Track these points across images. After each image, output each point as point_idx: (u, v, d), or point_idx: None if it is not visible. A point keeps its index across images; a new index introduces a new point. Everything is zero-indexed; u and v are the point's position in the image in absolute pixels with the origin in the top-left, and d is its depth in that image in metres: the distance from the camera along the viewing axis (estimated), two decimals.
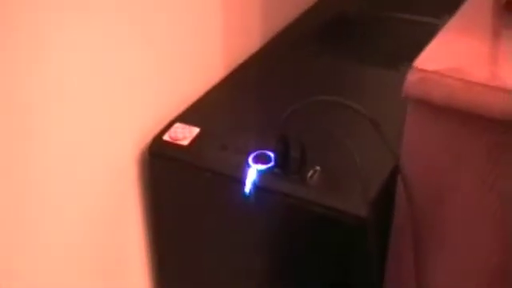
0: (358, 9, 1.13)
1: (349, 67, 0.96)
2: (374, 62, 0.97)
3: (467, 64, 0.66)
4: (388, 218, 0.76)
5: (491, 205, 0.68)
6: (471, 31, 0.71)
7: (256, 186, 0.76)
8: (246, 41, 1.01)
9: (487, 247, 0.71)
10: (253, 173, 0.77)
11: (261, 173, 0.77)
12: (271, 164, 0.78)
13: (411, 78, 0.66)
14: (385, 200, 0.75)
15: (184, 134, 0.83)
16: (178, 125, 0.85)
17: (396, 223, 0.76)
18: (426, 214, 0.72)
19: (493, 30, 0.74)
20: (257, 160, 0.78)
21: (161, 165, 0.83)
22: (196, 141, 0.83)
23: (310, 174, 0.77)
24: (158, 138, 0.84)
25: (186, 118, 0.86)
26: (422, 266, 0.75)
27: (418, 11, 1.10)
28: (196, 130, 0.84)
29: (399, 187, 0.73)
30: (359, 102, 0.83)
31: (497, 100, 0.62)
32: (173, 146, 0.82)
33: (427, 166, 0.70)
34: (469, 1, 0.79)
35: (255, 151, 0.79)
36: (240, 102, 0.91)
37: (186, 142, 0.82)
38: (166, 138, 0.83)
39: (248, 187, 0.77)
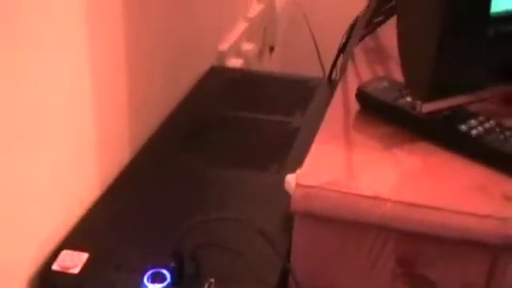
0: (212, 112, 1.20)
1: (222, 174, 1.02)
2: (243, 164, 1.03)
3: (343, 176, 0.75)
4: None
5: None
6: (339, 142, 0.81)
7: None
8: (117, 154, 1.04)
9: None
10: None
11: None
12: (167, 282, 0.80)
13: (296, 194, 0.73)
14: None
15: (73, 261, 0.83)
16: (65, 252, 0.85)
17: None
18: None
19: (357, 138, 0.84)
20: (153, 279, 0.80)
21: None
22: (87, 266, 0.83)
23: (205, 287, 0.80)
24: (46, 269, 0.83)
25: (71, 243, 0.86)
26: None
27: (269, 111, 1.20)
28: (85, 256, 0.84)
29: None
30: (242, 208, 0.90)
31: (372, 208, 0.71)
32: (63, 276, 0.82)
33: (317, 268, 0.77)
34: (330, 109, 0.89)
35: (150, 269, 0.81)
36: (124, 219, 0.92)
37: (76, 270, 0.82)
38: (55, 267, 0.83)
39: None
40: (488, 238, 0.69)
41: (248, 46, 1.63)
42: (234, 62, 1.53)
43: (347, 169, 0.76)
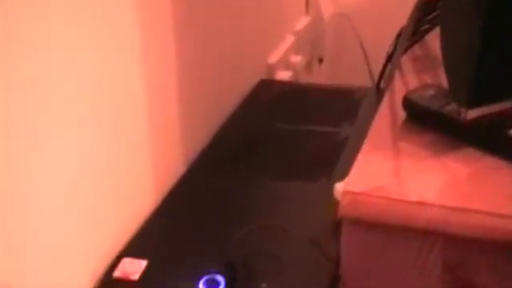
0: (262, 124, 1.23)
1: (272, 185, 1.05)
2: (293, 176, 1.06)
3: (389, 182, 0.77)
4: None
5: None
6: (386, 149, 0.83)
7: None
8: (171, 167, 1.08)
9: None
10: None
11: None
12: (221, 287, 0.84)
13: (343, 200, 0.76)
14: None
15: (133, 269, 0.88)
16: (125, 260, 0.89)
17: None
18: None
19: (403, 146, 0.85)
20: (208, 285, 0.84)
21: None
22: (146, 273, 0.87)
23: None
24: (107, 276, 0.87)
25: (130, 251, 0.91)
26: None
27: (318, 122, 1.23)
28: (144, 263, 0.89)
29: None
30: (291, 218, 0.92)
31: (418, 213, 0.73)
32: (124, 283, 0.86)
33: (366, 276, 0.79)
34: (376, 117, 0.91)
35: (204, 276, 0.85)
36: (179, 228, 0.97)
37: (136, 277, 0.87)
38: (116, 274, 0.87)
39: None
40: None
41: (296, 59, 1.67)
42: (283, 75, 1.56)
43: (393, 176, 0.78)
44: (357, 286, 0.80)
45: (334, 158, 1.10)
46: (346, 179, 0.78)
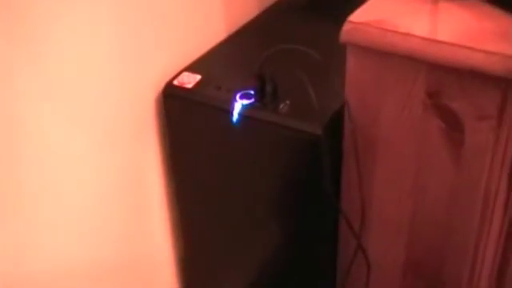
0: None
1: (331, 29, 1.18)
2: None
3: (386, 17, 0.89)
4: (341, 141, 1.00)
5: (410, 124, 0.92)
6: None
7: (241, 116, 1.01)
8: (244, 10, 1.26)
9: (407, 159, 0.94)
10: (239, 106, 1.02)
11: (245, 106, 1.02)
12: (252, 100, 1.02)
13: (345, 28, 0.89)
14: (337, 125, 0.99)
15: (189, 80, 1.09)
16: (185, 73, 1.10)
17: (344, 143, 1.00)
18: (364, 133, 0.96)
19: None
20: (242, 97, 1.03)
21: (171, 103, 1.09)
22: (198, 85, 1.08)
23: (281, 106, 1.01)
24: (169, 83, 1.09)
25: (191, 68, 1.12)
26: (362, 179, 0.99)
27: None
28: (198, 77, 1.09)
29: (345, 114, 0.97)
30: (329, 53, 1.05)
31: (404, 42, 0.86)
32: (181, 89, 1.08)
33: (363, 95, 0.94)
34: None
35: (241, 90, 1.03)
36: (234, 56, 1.15)
37: (190, 86, 1.08)
38: (175, 83, 1.09)
39: (235, 117, 1.02)
40: (495, 72, 0.80)
41: None
42: None
43: (394, 13, 0.90)
44: (357, 108, 0.94)
45: None
46: (355, 12, 0.91)
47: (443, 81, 0.86)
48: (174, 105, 1.09)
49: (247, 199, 1.11)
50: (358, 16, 0.90)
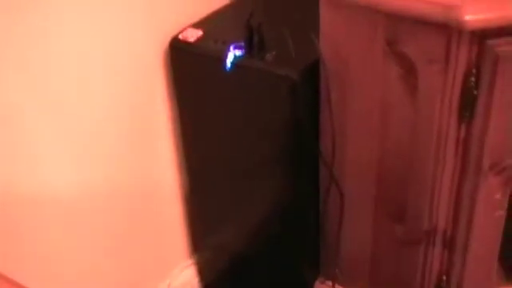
0: None
1: None
2: None
3: None
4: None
5: (374, 70, 1.06)
6: None
7: (233, 64, 1.17)
8: None
9: (372, 100, 1.09)
10: (231, 56, 1.18)
11: (237, 56, 1.18)
12: (243, 51, 1.18)
13: None
14: (314, 72, 1.14)
15: (192, 35, 1.25)
16: (188, 29, 1.27)
17: (321, 89, 1.15)
18: (336, 78, 1.11)
19: None
20: (235, 48, 1.19)
21: (176, 54, 1.26)
22: (199, 39, 1.24)
23: (267, 55, 1.17)
24: (175, 37, 1.26)
25: (195, 25, 1.28)
26: (335, 119, 1.14)
27: None
28: (200, 33, 1.25)
29: (321, 61, 1.12)
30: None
31: None
32: (184, 42, 1.24)
33: (335, 44, 1.09)
34: None
35: (234, 43, 1.19)
36: (236, 16, 1.31)
37: (192, 40, 1.24)
38: (180, 37, 1.25)
39: (228, 65, 1.18)
40: (439, 20, 0.94)
41: None
42: None
43: None
44: (332, 63, 1.09)
45: None
46: None
47: (398, 29, 1.00)
48: (179, 56, 1.26)
49: (240, 135, 1.27)
50: None
